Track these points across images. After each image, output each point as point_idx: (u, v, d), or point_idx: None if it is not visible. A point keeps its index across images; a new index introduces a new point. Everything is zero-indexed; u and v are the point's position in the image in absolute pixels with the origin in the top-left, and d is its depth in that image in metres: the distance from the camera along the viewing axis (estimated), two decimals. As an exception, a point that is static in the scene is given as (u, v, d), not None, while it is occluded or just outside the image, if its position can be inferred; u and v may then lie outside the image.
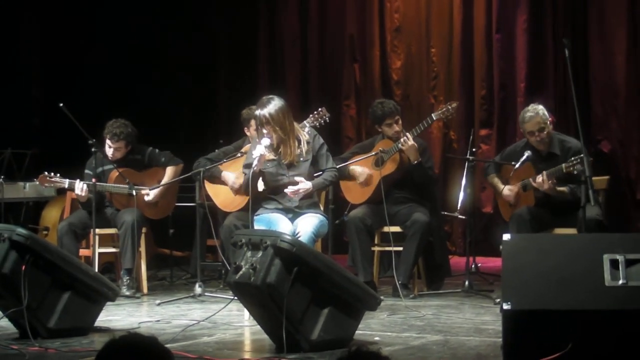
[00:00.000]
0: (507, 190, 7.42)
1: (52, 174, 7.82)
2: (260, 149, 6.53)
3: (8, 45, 10.55)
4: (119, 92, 10.76)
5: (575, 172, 6.82)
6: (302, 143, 6.70)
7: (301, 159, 6.69)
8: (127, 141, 7.95)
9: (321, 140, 6.82)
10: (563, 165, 6.96)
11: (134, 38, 11.12)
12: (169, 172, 8.10)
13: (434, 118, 7.63)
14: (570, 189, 7.11)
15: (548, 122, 7.28)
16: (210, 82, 11.62)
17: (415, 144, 7.44)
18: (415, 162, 7.48)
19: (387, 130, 7.64)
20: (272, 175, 6.68)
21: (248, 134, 7.80)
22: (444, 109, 7.63)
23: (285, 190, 6.61)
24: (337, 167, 7.13)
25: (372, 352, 2.86)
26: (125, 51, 11.10)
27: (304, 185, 6.61)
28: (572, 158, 6.86)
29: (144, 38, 11.18)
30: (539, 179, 7.10)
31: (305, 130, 6.81)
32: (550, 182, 7.05)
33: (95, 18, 11.13)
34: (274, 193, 6.71)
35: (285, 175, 6.67)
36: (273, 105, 6.57)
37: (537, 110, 7.28)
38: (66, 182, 7.81)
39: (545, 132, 7.27)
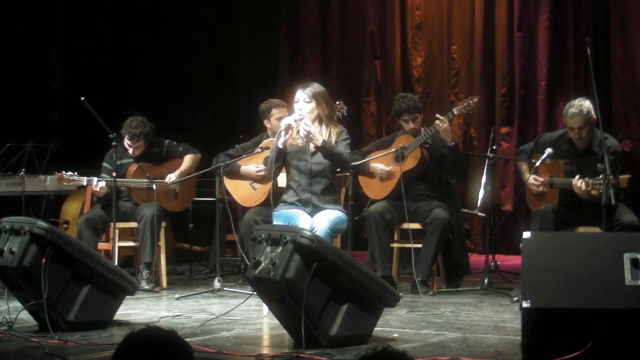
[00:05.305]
0: (532, 179, 7.25)
1: (70, 172, 7.84)
2: (289, 119, 6.70)
3: (29, 40, 10.59)
4: (137, 87, 10.79)
5: (596, 194, 6.61)
6: (331, 135, 6.82)
7: None
8: (145, 139, 7.99)
9: (346, 135, 6.93)
10: (590, 181, 6.73)
11: (154, 33, 11.15)
12: (188, 160, 8.10)
13: (455, 113, 7.56)
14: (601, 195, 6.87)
15: (591, 121, 7.02)
16: (231, 77, 11.63)
17: (449, 126, 7.41)
18: (452, 143, 7.44)
19: (404, 126, 7.65)
20: (294, 155, 6.80)
21: (268, 125, 7.85)
22: (465, 104, 7.56)
23: (300, 128, 6.72)
24: (358, 163, 7.15)
25: (398, 352, 2.81)
26: (146, 46, 11.13)
27: (316, 133, 6.72)
28: (599, 177, 6.48)
29: (165, 33, 11.20)
30: (579, 182, 6.85)
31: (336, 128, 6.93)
32: (588, 189, 6.76)
33: (116, 11, 11.16)
34: (293, 179, 6.79)
35: (307, 161, 6.78)
36: (317, 86, 6.90)
37: (581, 108, 7.00)
38: (84, 180, 7.83)
39: (585, 131, 7.04)
